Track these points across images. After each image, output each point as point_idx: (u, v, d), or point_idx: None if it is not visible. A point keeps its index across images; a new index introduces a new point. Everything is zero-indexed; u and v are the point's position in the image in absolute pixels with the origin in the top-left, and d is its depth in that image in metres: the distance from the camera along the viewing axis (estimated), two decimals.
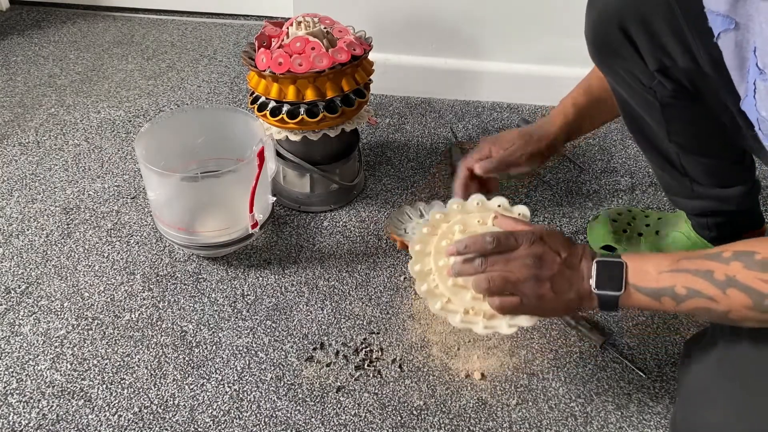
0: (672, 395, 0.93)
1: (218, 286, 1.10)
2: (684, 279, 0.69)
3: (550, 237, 0.78)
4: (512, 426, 0.90)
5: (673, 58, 0.80)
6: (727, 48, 0.64)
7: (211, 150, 1.18)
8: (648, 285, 0.71)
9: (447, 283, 0.84)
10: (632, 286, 0.72)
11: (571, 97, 1.06)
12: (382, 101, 1.53)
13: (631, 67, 0.85)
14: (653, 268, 0.71)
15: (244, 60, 1.12)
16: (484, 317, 0.82)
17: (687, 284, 0.68)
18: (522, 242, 0.77)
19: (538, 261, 0.76)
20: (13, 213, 1.24)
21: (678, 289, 0.69)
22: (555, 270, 0.76)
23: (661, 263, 0.71)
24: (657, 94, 0.86)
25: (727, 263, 0.66)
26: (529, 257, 0.76)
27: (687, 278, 0.68)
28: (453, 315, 0.82)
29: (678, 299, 0.69)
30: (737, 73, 0.64)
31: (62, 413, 0.91)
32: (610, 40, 0.84)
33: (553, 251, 0.76)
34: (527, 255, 0.76)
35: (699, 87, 0.83)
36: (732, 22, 0.61)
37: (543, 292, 0.76)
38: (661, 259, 0.72)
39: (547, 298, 0.76)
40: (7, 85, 1.59)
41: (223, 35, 1.80)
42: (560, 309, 0.78)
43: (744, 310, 0.65)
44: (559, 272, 0.76)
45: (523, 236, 0.78)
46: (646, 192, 1.28)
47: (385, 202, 1.26)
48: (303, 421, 0.91)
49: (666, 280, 0.70)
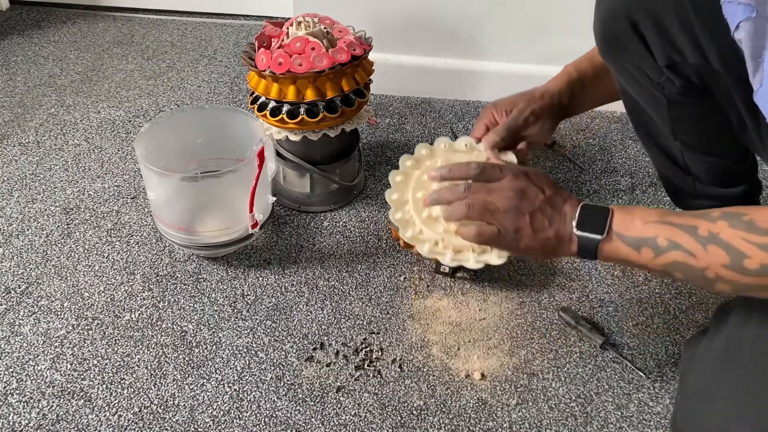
0: (672, 395, 0.93)
1: (218, 286, 1.10)
2: (668, 231, 0.68)
3: (536, 174, 0.78)
4: (512, 426, 0.90)
5: (683, 54, 0.80)
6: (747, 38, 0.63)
7: (211, 150, 1.18)
8: (631, 234, 0.71)
9: (422, 215, 0.85)
10: (615, 233, 0.72)
11: (573, 63, 1.05)
12: (382, 101, 1.53)
13: (640, 63, 0.85)
14: (639, 219, 0.71)
15: (244, 60, 1.12)
16: (452, 251, 0.82)
17: (669, 236, 0.68)
18: (506, 174, 0.77)
19: (521, 194, 0.75)
20: (13, 213, 1.24)
21: (660, 241, 0.69)
22: (536, 205, 0.75)
23: (649, 215, 0.71)
24: (665, 91, 0.86)
25: (713, 221, 0.66)
26: (511, 190, 0.76)
27: (671, 231, 0.68)
28: (422, 244, 0.83)
29: (658, 251, 0.68)
30: (752, 63, 0.64)
31: (62, 413, 0.91)
32: (619, 34, 0.84)
33: (537, 187, 0.76)
34: (510, 187, 0.76)
35: (708, 83, 0.83)
36: (753, 10, 0.61)
37: (521, 226, 0.75)
38: (650, 211, 0.72)
39: (525, 233, 0.75)
40: (7, 85, 1.59)
41: (223, 35, 1.80)
42: (536, 248, 0.77)
43: (720, 269, 0.65)
44: (540, 208, 0.75)
45: (508, 169, 0.77)
46: (646, 192, 1.28)
47: (385, 202, 1.26)
48: (303, 421, 0.91)
49: (650, 230, 0.70)
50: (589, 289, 1.08)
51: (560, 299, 1.07)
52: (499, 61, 1.50)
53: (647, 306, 1.06)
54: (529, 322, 1.04)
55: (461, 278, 1.10)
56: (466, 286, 1.09)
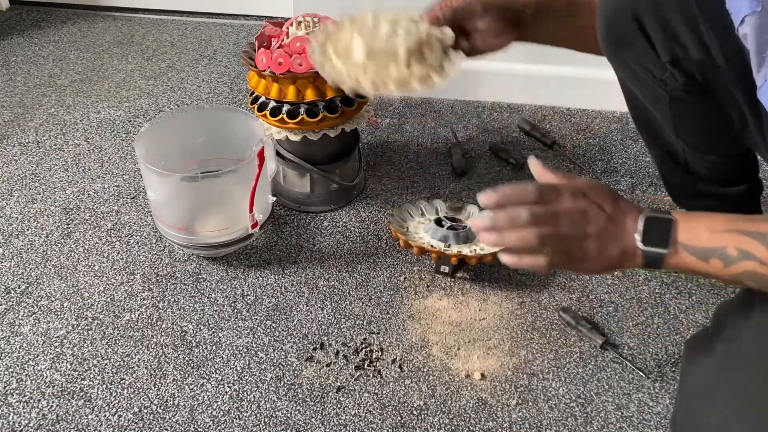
0: (672, 395, 0.93)
1: (218, 286, 1.10)
2: (737, 240, 0.64)
3: (593, 190, 0.72)
4: (512, 426, 0.90)
5: (686, 49, 0.80)
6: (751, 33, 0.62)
7: (211, 150, 1.18)
8: (698, 244, 0.67)
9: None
10: (681, 244, 0.67)
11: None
12: (382, 101, 1.53)
13: (643, 59, 0.85)
14: (706, 228, 0.67)
15: (244, 60, 1.12)
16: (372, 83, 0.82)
17: (739, 245, 0.64)
18: (565, 195, 0.71)
19: (584, 216, 0.70)
20: (13, 213, 1.24)
21: (729, 250, 0.65)
22: (600, 225, 0.70)
23: (716, 223, 0.67)
24: (667, 87, 0.86)
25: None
26: (574, 213, 0.70)
27: (740, 239, 0.64)
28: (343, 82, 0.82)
29: (727, 261, 0.65)
30: (757, 58, 0.63)
31: (62, 413, 0.91)
32: (623, 30, 0.84)
33: (598, 205, 0.71)
34: (573, 210, 0.70)
35: (710, 80, 0.83)
36: (759, 4, 0.60)
37: (588, 249, 0.70)
38: (716, 218, 0.67)
39: (591, 255, 0.70)
40: (7, 85, 1.59)
41: (223, 35, 1.80)
42: (600, 267, 0.72)
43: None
44: (604, 228, 0.70)
45: (564, 189, 0.71)
46: (646, 192, 1.28)
47: (385, 202, 1.26)
48: (303, 421, 0.91)
49: (718, 240, 0.65)
50: (589, 289, 1.08)
51: (560, 299, 1.07)
52: (499, 61, 1.49)
53: (647, 306, 1.06)
54: (529, 322, 1.04)
55: (461, 278, 1.10)
56: (466, 286, 1.09)
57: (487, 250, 1.07)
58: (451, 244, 1.08)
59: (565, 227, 0.70)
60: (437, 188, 1.29)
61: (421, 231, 1.13)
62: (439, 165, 1.35)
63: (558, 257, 0.70)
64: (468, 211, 1.20)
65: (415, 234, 1.12)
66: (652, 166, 1.32)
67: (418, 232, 1.13)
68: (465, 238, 1.09)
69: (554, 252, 0.70)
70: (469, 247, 1.08)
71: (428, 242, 1.09)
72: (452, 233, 1.09)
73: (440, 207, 1.20)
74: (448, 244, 1.08)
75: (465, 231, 1.10)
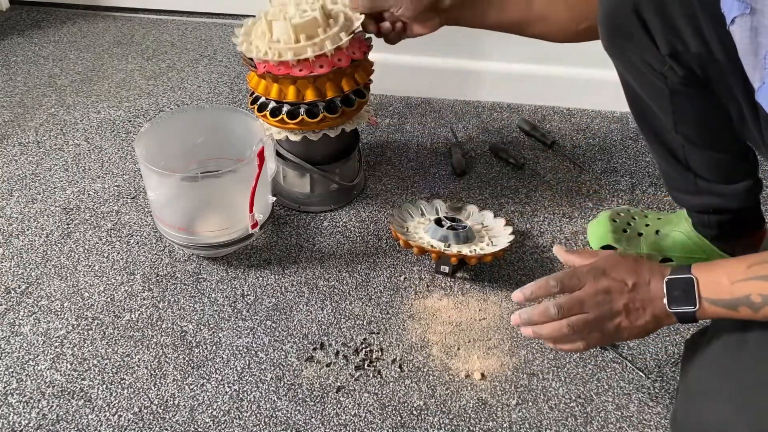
0: (672, 395, 0.93)
1: (218, 286, 1.10)
2: (758, 286, 0.67)
3: (612, 267, 0.76)
4: (512, 426, 0.90)
5: (686, 43, 0.80)
6: (742, 34, 0.63)
7: (211, 150, 1.18)
8: (722, 297, 0.70)
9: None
10: (706, 300, 0.71)
11: None
12: (382, 101, 1.53)
13: (643, 52, 0.86)
14: (726, 279, 0.69)
15: (244, 60, 1.12)
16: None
17: (762, 291, 0.67)
18: (586, 280, 0.76)
19: (608, 296, 0.74)
20: (13, 213, 1.24)
21: (753, 297, 0.67)
22: (626, 300, 0.74)
23: (734, 272, 0.69)
24: (667, 81, 0.87)
25: None
26: (598, 294, 0.75)
27: (761, 285, 0.67)
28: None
29: (754, 307, 0.67)
30: (751, 60, 0.64)
31: (62, 413, 0.91)
32: (623, 23, 0.84)
33: (619, 281, 0.75)
34: (596, 292, 0.75)
35: (709, 74, 0.83)
36: (747, 7, 0.61)
37: (618, 323, 0.75)
38: (733, 267, 0.70)
39: (623, 327, 0.75)
40: (7, 85, 1.59)
41: (223, 35, 1.80)
42: (637, 334, 0.76)
43: None
44: (630, 300, 0.74)
45: (585, 274, 0.76)
46: (646, 192, 1.28)
47: (385, 202, 1.26)
48: (303, 421, 0.91)
49: (740, 289, 0.68)
50: None
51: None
52: (499, 61, 1.50)
53: None
54: None
55: (461, 278, 1.10)
56: (466, 286, 1.09)
57: (487, 251, 1.07)
58: (451, 244, 1.08)
59: (592, 311, 0.75)
60: (437, 188, 1.29)
61: (421, 231, 1.13)
62: (439, 165, 1.35)
63: (593, 337, 0.76)
64: (468, 210, 1.20)
65: (415, 234, 1.12)
66: (652, 166, 1.32)
67: (418, 232, 1.13)
68: (465, 238, 1.09)
69: (589, 334, 0.76)
70: (468, 247, 1.08)
71: (428, 242, 1.09)
72: (452, 233, 1.09)
73: (440, 207, 1.20)
74: (448, 244, 1.08)
75: (465, 231, 1.10)
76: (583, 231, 1.19)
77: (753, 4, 0.61)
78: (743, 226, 1.04)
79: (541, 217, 1.23)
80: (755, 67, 0.64)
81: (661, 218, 1.13)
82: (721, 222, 1.03)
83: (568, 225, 1.21)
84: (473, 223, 1.18)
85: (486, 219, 1.19)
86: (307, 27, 1.05)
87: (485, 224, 1.18)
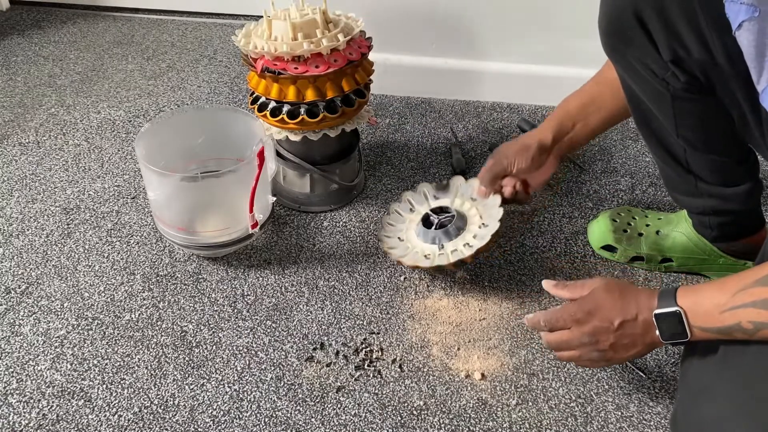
0: (672, 395, 0.93)
1: (218, 286, 1.10)
2: (746, 314, 0.68)
3: (598, 307, 0.79)
4: (512, 426, 0.90)
5: (688, 48, 0.80)
6: (749, 38, 0.63)
7: (211, 150, 1.18)
8: (713, 325, 0.72)
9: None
10: (697, 328, 0.73)
11: (562, 106, 1.11)
12: (382, 101, 1.53)
13: (644, 57, 0.85)
14: (713, 308, 0.71)
15: (244, 60, 1.12)
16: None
17: (751, 319, 0.68)
18: (571, 324, 0.81)
19: (593, 337, 0.79)
20: (13, 213, 1.24)
21: (744, 325, 0.69)
22: (613, 339, 0.78)
23: (719, 300, 0.71)
24: (669, 86, 0.86)
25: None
26: (584, 336, 0.80)
27: (749, 313, 0.68)
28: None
29: (748, 332, 0.69)
30: (757, 63, 0.64)
31: (62, 413, 0.91)
32: (624, 28, 0.84)
33: (605, 322, 0.78)
34: (581, 335, 0.80)
35: (711, 79, 0.83)
36: (756, 10, 0.61)
37: (611, 358, 0.80)
38: (717, 294, 0.71)
39: (616, 359, 0.80)
40: (7, 85, 1.59)
41: (223, 35, 1.80)
42: (632, 356, 0.80)
43: None
44: (617, 339, 0.78)
45: (570, 318, 0.81)
46: (646, 192, 1.28)
47: (385, 202, 1.26)
48: (303, 421, 0.91)
49: (729, 318, 0.70)
50: None
51: (560, 299, 1.07)
52: (499, 61, 1.50)
53: None
54: None
55: (461, 278, 1.10)
56: (466, 286, 1.09)
57: (477, 244, 1.03)
58: (444, 244, 1.07)
59: (579, 351, 0.82)
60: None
61: (413, 236, 1.11)
62: (439, 165, 1.35)
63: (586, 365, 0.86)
64: (455, 185, 1.16)
65: (408, 244, 1.10)
66: (652, 166, 1.32)
67: (410, 237, 1.11)
68: (456, 230, 1.07)
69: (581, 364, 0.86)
70: (463, 240, 1.06)
71: (420, 250, 1.08)
72: (441, 233, 1.08)
73: (427, 191, 1.17)
74: (441, 245, 1.07)
75: (454, 224, 1.08)
76: (583, 231, 1.19)
77: (762, 7, 0.61)
78: (743, 227, 1.04)
79: (541, 217, 1.23)
80: (760, 70, 0.64)
81: (661, 218, 1.13)
82: (722, 223, 1.03)
83: (568, 225, 1.21)
84: (463, 199, 1.13)
85: (475, 190, 1.13)
86: (305, 26, 1.06)
87: (474, 197, 1.13)
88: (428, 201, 1.16)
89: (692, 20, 0.77)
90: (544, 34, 1.44)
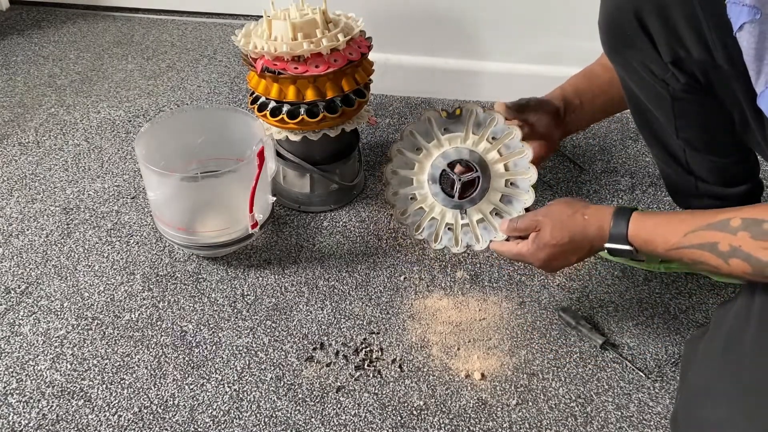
0: (672, 395, 0.93)
1: (218, 286, 1.10)
2: (690, 253, 0.76)
3: (553, 257, 0.91)
4: (512, 426, 0.90)
5: (688, 49, 0.80)
6: (750, 39, 0.63)
7: (211, 150, 1.18)
8: (657, 255, 0.82)
9: None
10: (642, 254, 0.86)
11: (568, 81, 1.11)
12: (382, 101, 1.53)
13: (645, 58, 0.85)
14: (662, 245, 0.79)
15: (244, 60, 1.12)
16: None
17: (692, 257, 0.76)
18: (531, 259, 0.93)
19: (547, 263, 0.92)
20: (13, 213, 1.24)
21: (685, 260, 0.78)
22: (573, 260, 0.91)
23: (670, 240, 0.78)
24: (669, 87, 0.86)
25: (734, 233, 0.71)
26: (536, 261, 0.92)
27: (693, 253, 0.75)
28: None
29: (686, 266, 0.78)
30: (756, 65, 0.64)
31: (62, 413, 0.91)
32: (624, 28, 0.84)
33: (559, 260, 0.91)
34: (534, 260, 0.93)
35: (712, 80, 0.83)
36: (758, 13, 0.61)
37: (553, 268, 0.94)
38: (669, 236, 0.78)
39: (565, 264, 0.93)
40: (7, 85, 1.59)
41: (223, 35, 1.80)
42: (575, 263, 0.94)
43: (743, 275, 0.72)
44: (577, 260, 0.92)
45: (530, 256, 0.93)
46: (646, 192, 1.28)
47: (385, 202, 1.26)
48: (303, 421, 0.91)
49: (673, 255, 0.78)
50: (589, 289, 1.08)
51: (560, 299, 1.07)
52: (499, 61, 1.50)
53: (647, 306, 1.06)
54: (529, 322, 1.04)
55: (461, 278, 1.10)
56: (466, 286, 1.09)
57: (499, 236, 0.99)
58: (467, 210, 1.01)
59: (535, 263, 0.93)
60: None
61: (427, 191, 1.04)
62: None
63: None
64: (472, 115, 1.02)
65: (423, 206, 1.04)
66: (652, 166, 1.32)
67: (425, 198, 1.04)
68: (482, 192, 1.00)
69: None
70: (488, 203, 1.00)
71: (440, 215, 1.02)
72: (467, 201, 1.01)
73: (435, 121, 1.04)
74: (464, 211, 1.01)
75: (480, 185, 1.00)
76: None
77: (764, 10, 0.61)
78: None
79: None
80: (758, 72, 0.64)
81: None
82: None
83: None
84: (481, 136, 1.01)
85: (496, 123, 1.01)
86: (305, 26, 1.06)
87: (495, 136, 1.01)
88: (437, 138, 1.04)
89: (693, 21, 0.77)
90: (544, 34, 1.44)
